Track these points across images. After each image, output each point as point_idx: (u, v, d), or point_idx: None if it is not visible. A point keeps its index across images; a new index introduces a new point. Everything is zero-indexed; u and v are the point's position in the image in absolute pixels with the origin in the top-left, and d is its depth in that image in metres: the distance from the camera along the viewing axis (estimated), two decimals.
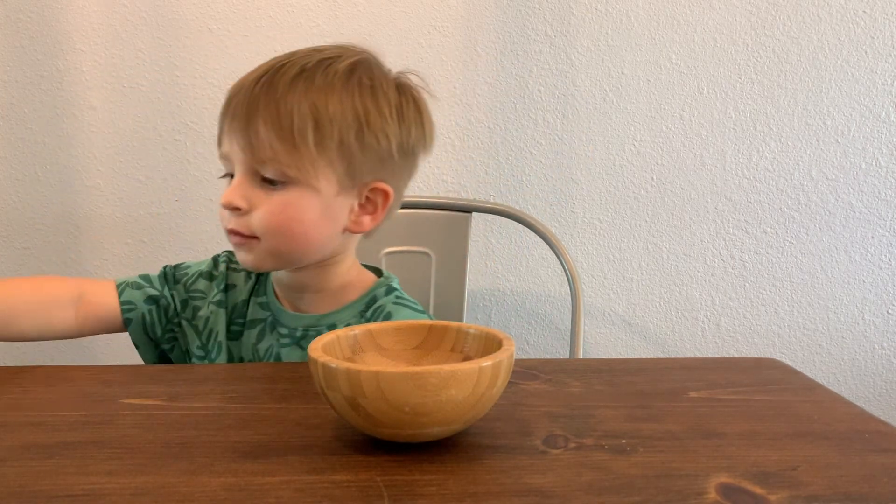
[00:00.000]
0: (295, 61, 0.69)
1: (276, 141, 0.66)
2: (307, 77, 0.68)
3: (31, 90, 1.25)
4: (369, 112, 0.69)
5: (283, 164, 0.67)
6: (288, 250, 0.71)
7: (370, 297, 0.76)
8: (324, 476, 0.42)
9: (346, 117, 0.68)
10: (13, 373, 0.63)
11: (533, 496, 0.39)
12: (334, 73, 0.68)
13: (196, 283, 0.81)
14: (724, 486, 0.40)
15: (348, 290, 0.77)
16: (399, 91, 0.72)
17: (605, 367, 0.63)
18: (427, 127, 0.75)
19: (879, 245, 1.31)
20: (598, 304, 1.33)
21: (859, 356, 1.35)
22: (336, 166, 0.69)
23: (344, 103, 0.68)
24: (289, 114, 0.66)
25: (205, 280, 0.81)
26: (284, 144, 0.66)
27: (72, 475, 0.42)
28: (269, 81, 0.67)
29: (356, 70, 0.70)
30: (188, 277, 0.81)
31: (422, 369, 0.42)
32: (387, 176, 0.72)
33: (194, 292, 0.80)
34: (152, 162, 1.27)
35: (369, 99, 0.69)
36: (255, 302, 0.79)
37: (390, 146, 0.70)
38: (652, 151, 1.28)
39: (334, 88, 0.68)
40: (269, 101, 0.67)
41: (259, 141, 0.67)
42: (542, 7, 1.24)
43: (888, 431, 0.49)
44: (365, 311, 0.75)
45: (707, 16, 1.24)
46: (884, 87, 1.26)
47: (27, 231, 1.29)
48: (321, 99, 0.67)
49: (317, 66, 0.68)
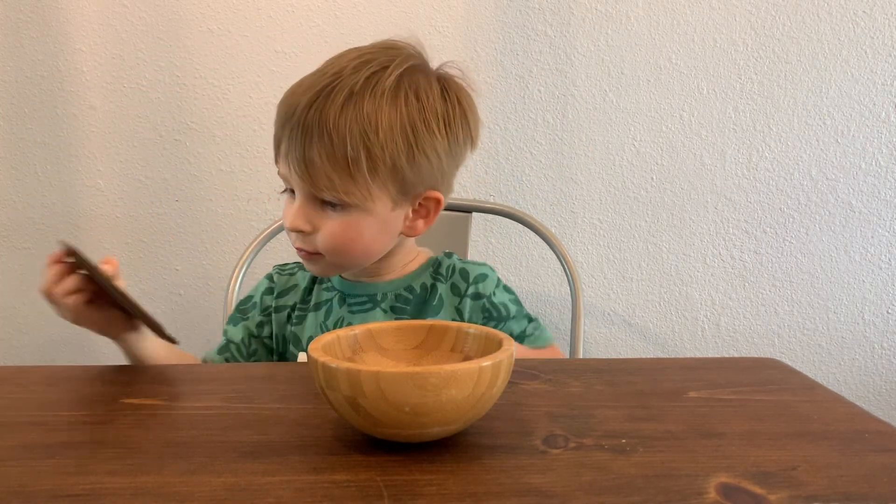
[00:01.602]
0: (344, 80, 0.71)
1: (331, 170, 0.70)
2: (356, 102, 0.70)
3: (31, 90, 1.25)
4: (418, 132, 0.72)
5: (340, 191, 0.71)
6: (350, 263, 0.79)
7: (434, 262, 0.85)
8: (324, 476, 0.42)
9: (397, 142, 0.71)
10: (13, 373, 0.63)
11: (533, 496, 0.39)
12: (381, 93, 0.71)
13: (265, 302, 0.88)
14: (724, 486, 0.40)
15: (411, 264, 0.85)
16: (444, 95, 0.76)
17: (605, 367, 0.63)
18: (473, 125, 0.78)
19: (879, 245, 1.31)
20: (598, 304, 1.33)
21: (859, 356, 1.35)
22: (389, 187, 0.73)
23: (394, 128, 0.71)
24: (342, 144, 0.69)
25: (269, 296, 0.88)
26: (339, 173, 0.70)
27: (72, 475, 0.42)
28: (321, 109, 0.70)
29: (402, 84, 0.72)
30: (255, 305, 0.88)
31: (422, 369, 0.42)
32: (437, 183, 0.77)
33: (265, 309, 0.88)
34: (152, 162, 1.27)
35: (417, 116, 0.72)
36: (320, 288, 0.86)
37: (440, 159, 0.75)
38: (652, 151, 1.28)
39: (383, 112, 0.70)
40: (323, 132, 0.70)
41: (315, 170, 0.71)
42: (542, 7, 1.24)
43: (888, 431, 0.49)
44: (435, 272, 0.84)
45: (707, 16, 1.24)
46: (884, 87, 1.26)
47: (27, 231, 1.29)
48: (371, 125, 0.70)
49: (365, 87, 0.71)
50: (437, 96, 0.74)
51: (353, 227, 0.74)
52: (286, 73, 1.24)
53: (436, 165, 0.74)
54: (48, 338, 1.32)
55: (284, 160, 0.74)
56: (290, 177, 0.74)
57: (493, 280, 0.84)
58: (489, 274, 0.85)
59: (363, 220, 0.74)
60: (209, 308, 1.31)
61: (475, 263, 0.86)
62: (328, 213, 0.74)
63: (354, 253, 0.76)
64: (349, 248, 0.75)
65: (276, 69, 1.25)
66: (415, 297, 0.83)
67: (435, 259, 0.86)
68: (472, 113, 0.78)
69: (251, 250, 1.08)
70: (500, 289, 0.84)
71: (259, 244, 1.09)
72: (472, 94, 0.79)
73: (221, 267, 1.29)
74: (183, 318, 1.31)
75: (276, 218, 1.15)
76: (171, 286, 1.30)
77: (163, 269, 1.30)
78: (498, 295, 0.84)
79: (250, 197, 1.28)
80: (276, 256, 1.28)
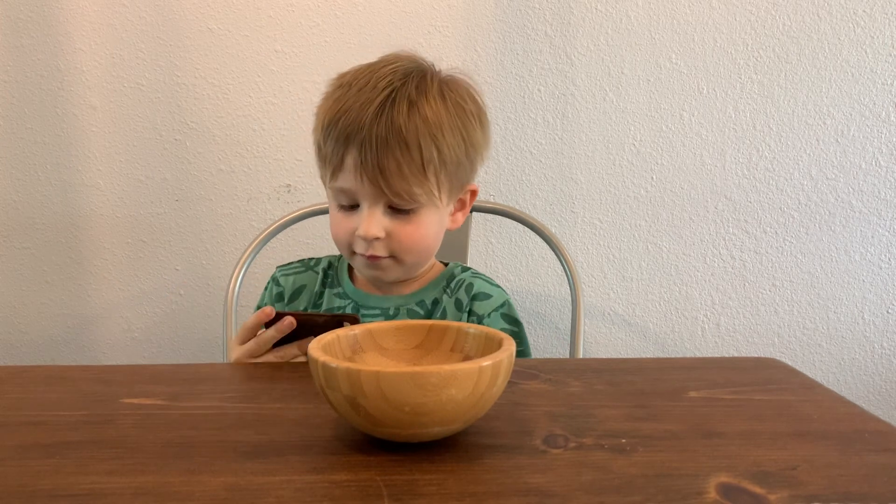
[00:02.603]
0: (399, 90, 0.74)
1: (409, 175, 0.74)
2: (419, 108, 0.74)
3: (31, 90, 1.25)
4: (469, 130, 0.78)
5: (417, 193, 0.75)
6: (421, 262, 0.83)
7: (448, 274, 0.87)
8: (324, 476, 0.42)
9: (459, 142, 0.77)
10: (13, 373, 0.63)
11: (533, 496, 0.39)
12: (434, 97, 0.76)
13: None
14: (724, 486, 0.40)
15: (429, 272, 0.87)
16: (470, 95, 0.80)
17: (605, 367, 0.63)
18: (487, 124, 0.83)
19: (879, 245, 1.31)
20: (598, 304, 1.33)
21: (859, 356, 1.35)
22: (451, 184, 0.79)
23: (454, 130, 0.76)
24: (417, 148, 0.73)
25: (280, 303, 0.89)
26: (416, 177, 0.74)
27: (72, 475, 0.42)
28: (390, 119, 0.73)
29: (443, 88, 0.77)
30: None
31: (422, 369, 0.42)
32: (475, 176, 0.83)
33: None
34: (152, 162, 1.27)
35: (465, 117, 0.78)
36: (331, 293, 0.88)
37: (480, 154, 0.81)
38: (652, 151, 1.28)
39: (442, 117, 0.75)
40: (398, 140, 0.73)
41: (392, 178, 0.74)
42: (542, 7, 1.24)
43: (888, 431, 0.49)
44: (447, 286, 0.86)
45: (707, 16, 1.24)
46: (884, 87, 1.26)
47: (27, 231, 1.29)
48: (437, 130, 0.75)
49: (419, 94, 0.75)
50: (469, 97, 0.80)
51: (423, 226, 0.78)
52: (286, 73, 1.24)
53: (479, 160, 0.81)
54: (48, 338, 1.32)
55: (353, 174, 0.75)
56: (361, 189, 0.75)
57: (494, 303, 0.84)
58: (494, 295, 0.84)
59: (431, 216, 0.78)
60: (209, 308, 1.31)
61: (488, 282, 0.86)
62: (398, 217, 0.77)
63: (427, 251, 0.81)
64: (424, 247, 0.80)
65: (276, 69, 1.25)
66: (424, 313, 0.84)
67: (450, 271, 0.88)
68: (485, 118, 0.83)
69: (251, 250, 1.08)
70: (499, 314, 0.83)
71: (259, 244, 1.09)
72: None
73: (221, 267, 1.29)
74: (183, 318, 1.31)
75: (275, 218, 1.15)
76: (171, 286, 1.30)
77: (163, 269, 1.30)
78: (493, 319, 0.83)
79: (250, 197, 1.28)
80: (277, 256, 1.28)
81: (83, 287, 1.30)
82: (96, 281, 1.30)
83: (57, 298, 1.31)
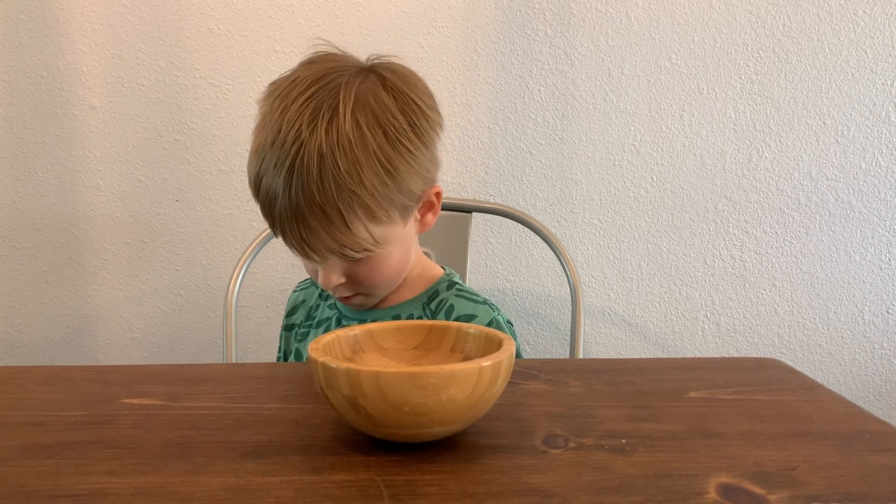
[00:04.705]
0: (306, 144, 0.67)
1: (337, 236, 0.70)
2: (331, 165, 0.67)
3: (31, 90, 1.25)
4: (395, 160, 0.70)
5: (357, 250, 0.71)
6: (392, 286, 0.80)
7: (433, 290, 0.82)
8: (324, 476, 0.42)
9: (383, 180, 0.69)
10: (13, 373, 0.63)
11: (533, 496, 0.39)
12: (348, 142, 0.67)
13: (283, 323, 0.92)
14: (724, 486, 0.40)
15: (415, 283, 0.83)
16: (397, 101, 0.71)
17: (605, 367, 0.63)
18: (432, 111, 0.75)
19: (879, 245, 1.31)
20: (598, 304, 1.33)
21: (859, 356, 1.35)
22: (392, 215, 0.72)
23: (374, 169, 0.69)
24: (336, 212, 0.68)
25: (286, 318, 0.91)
26: (345, 235, 0.70)
27: (72, 475, 0.42)
28: (301, 189, 0.67)
29: (359, 120, 0.69)
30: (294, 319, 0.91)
31: (422, 369, 0.42)
32: (430, 179, 0.76)
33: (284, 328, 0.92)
34: (152, 162, 1.27)
35: (388, 146, 0.70)
36: (325, 304, 0.87)
37: (421, 164, 0.73)
38: (652, 151, 1.28)
39: (358, 161, 0.68)
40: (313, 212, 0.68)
41: (321, 244, 0.70)
42: (542, 7, 1.24)
43: (888, 431, 0.49)
44: (428, 303, 0.82)
45: (707, 16, 1.24)
46: (884, 87, 1.26)
47: (27, 231, 1.29)
48: (354, 180, 0.68)
49: (329, 144, 0.67)
50: (394, 108, 0.71)
51: (380, 263, 0.75)
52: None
53: (422, 170, 0.73)
54: (48, 338, 1.32)
55: (287, 242, 0.73)
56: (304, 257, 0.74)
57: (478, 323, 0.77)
58: (478, 314, 0.79)
59: (385, 252, 0.74)
60: (209, 308, 1.31)
61: (472, 301, 0.80)
62: (357, 261, 0.74)
63: (396, 275, 0.78)
64: (388, 278, 0.77)
65: (276, 69, 1.24)
66: None
67: (434, 288, 0.83)
68: (427, 98, 0.74)
69: (251, 250, 1.08)
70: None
71: (259, 244, 1.09)
72: (413, 73, 0.76)
73: (221, 267, 1.29)
74: (183, 318, 1.31)
75: None
76: (171, 286, 1.30)
77: (163, 269, 1.30)
78: None
79: (250, 197, 1.27)
80: (277, 256, 1.28)
81: (83, 287, 1.30)
82: (96, 281, 1.30)
83: (57, 298, 1.31)
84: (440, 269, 0.86)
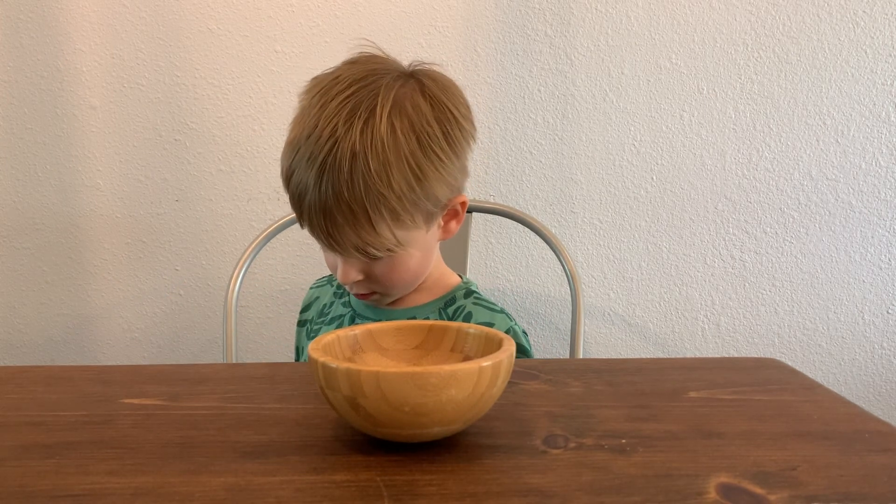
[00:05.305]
0: (340, 141, 0.68)
1: (362, 235, 0.71)
2: (362, 164, 0.68)
3: (31, 90, 1.25)
4: (426, 167, 0.71)
5: (379, 249, 0.73)
6: (408, 288, 0.81)
7: (450, 297, 0.84)
8: (324, 476, 0.42)
9: (412, 185, 0.70)
10: (13, 373, 0.63)
11: (533, 496, 0.39)
12: (382, 144, 0.68)
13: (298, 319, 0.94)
14: (724, 486, 0.40)
15: (432, 288, 0.84)
16: (434, 109, 0.72)
17: (605, 367, 0.63)
18: (467, 121, 0.76)
19: (879, 245, 1.31)
20: (598, 304, 1.33)
21: (859, 356, 1.35)
22: (417, 220, 0.74)
23: (405, 174, 0.70)
24: (363, 211, 0.69)
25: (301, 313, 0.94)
26: (370, 236, 0.71)
27: (72, 475, 0.42)
28: (332, 185, 0.69)
29: (394, 124, 0.70)
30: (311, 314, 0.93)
31: (422, 369, 0.42)
32: (457, 188, 0.77)
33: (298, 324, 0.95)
34: (152, 162, 1.27)
35: (420, 153, 0.71)
36: (339, 302, 0.88)
37: (451, 173, 0.74)
38: (652, 151, 1.28)
39: (390, 164, 0.69)
40: (341, 208, 0.69)
41: (346, 241, 0.72)
42: (542, 7, 1.24)
43: (888, 431, 0.49)
44: (445, 308, 0.83)
45: (707, 16, 1.24)
46: (884, 87, 1.26)
47: (27, 231, 1.29)
48: (384, 182, 0.69)
49: (363, 144, 0.68)
50: (430, 116, 0.72)
51: (399, 264, 0.76)
52: (286, 73, 1.24)
53: (450, 179, 0.74)
54: (48, 338, 1.32)
55: (313, 233, 0.74)
56: (328, 248, 0.75)
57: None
58: (495, 323, 0.81)
59: (406, 254, 0.76)
60: (209, 308, 1.31)
61: (490, 309, 0.82)
62: (376, 260, 0.75)
63: (414, 278, 0.80)
64: (404, 280, 0.78)
65: (276, 69, 1.25)
66: None
67: (452, 294, 0.84)
68: (463, 108, 0.76)
69: (251, 250, 1.08)
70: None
71: (259, 244, 1.09)
72: (452, 82, 0.77)
73: (221, 267, 1.29)
74: (183, 318, 1.31)
75: (275, 218, 1.15)
76: (171, 286, 1.30)
77: (163, 269, 1.30)
78: None
79: (250, 197, 1.28)
80: (277, 256, 1.28)
81: (83, 287, 1.30)
82: (96, 281, 1.30)
83: (57, 298, 1.31)
84: (458, 277, 0.88)
